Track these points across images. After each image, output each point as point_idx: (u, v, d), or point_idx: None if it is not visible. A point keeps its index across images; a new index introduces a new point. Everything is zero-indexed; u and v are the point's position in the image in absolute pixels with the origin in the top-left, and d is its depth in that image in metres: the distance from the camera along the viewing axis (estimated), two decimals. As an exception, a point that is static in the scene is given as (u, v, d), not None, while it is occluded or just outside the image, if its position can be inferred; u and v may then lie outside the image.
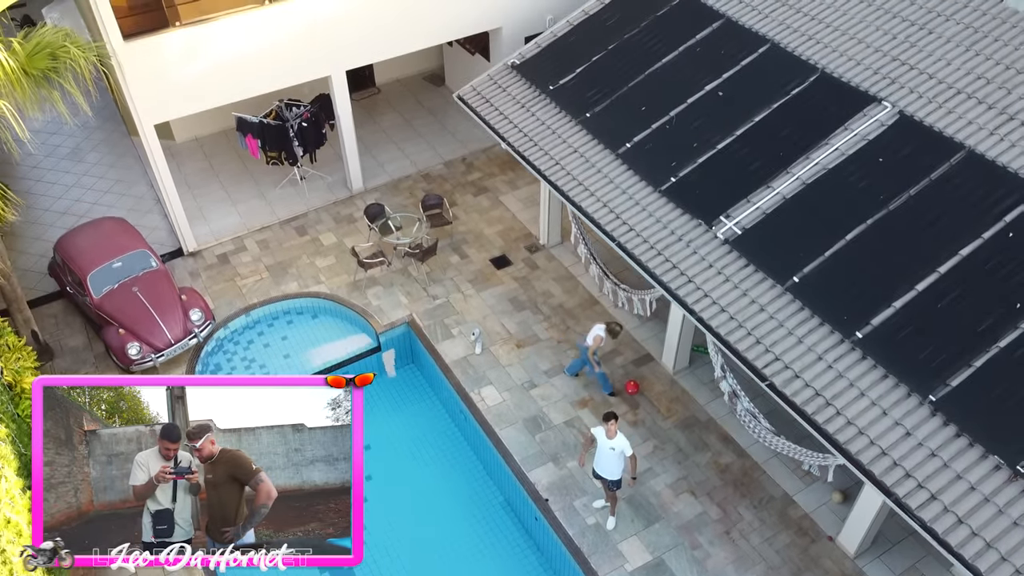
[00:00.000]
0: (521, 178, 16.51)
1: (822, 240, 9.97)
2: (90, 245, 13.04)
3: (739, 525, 10.66)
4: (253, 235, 15.33)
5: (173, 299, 12.72)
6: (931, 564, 10.15)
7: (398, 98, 19.10)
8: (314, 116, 15.33)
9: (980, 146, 10.00)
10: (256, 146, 15.44)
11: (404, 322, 13.43)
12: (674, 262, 10.51)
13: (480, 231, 15.28)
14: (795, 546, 10.43)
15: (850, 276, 9.62)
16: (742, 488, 11.06)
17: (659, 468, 11.32)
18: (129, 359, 12.18)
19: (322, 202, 16.01)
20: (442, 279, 14.29)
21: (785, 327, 9.50)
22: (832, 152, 10.69)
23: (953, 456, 8.10)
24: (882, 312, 9.17)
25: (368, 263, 13.80)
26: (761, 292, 9.87)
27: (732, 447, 11.54)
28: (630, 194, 11.41)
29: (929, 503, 7.93)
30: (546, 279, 14.25)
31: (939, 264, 9.28)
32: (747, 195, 10.71)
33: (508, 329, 13.35)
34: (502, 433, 11.73)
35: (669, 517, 10.76)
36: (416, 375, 13.52)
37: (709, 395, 12.18)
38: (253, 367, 13.10)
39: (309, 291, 14.06)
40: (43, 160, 17.48)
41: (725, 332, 9.71)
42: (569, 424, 11.89)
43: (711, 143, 11.41)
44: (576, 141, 12.36)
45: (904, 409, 8.52)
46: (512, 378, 12.56)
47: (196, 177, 16.82)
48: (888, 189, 10.09)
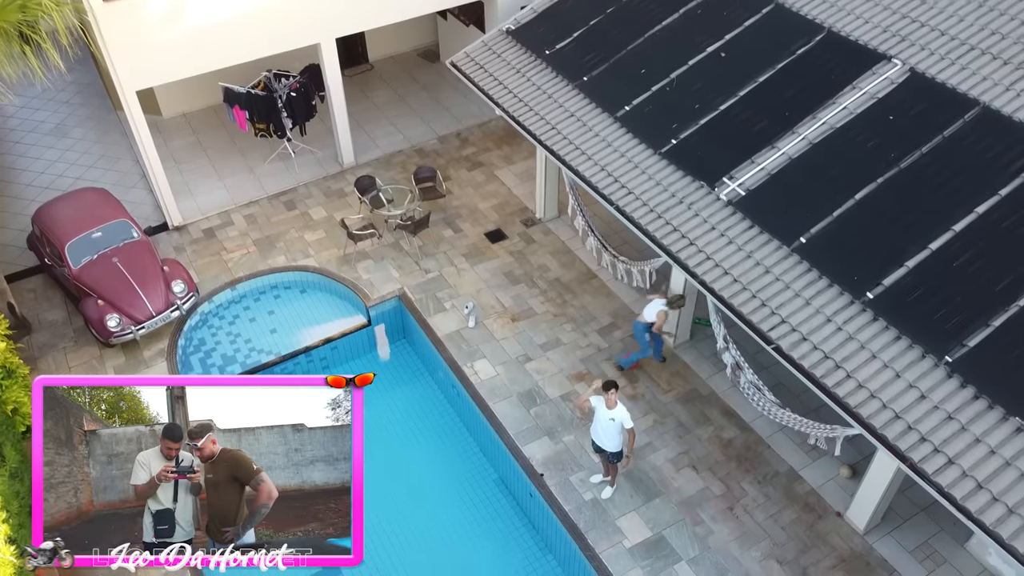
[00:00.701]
0: (517, 153, 16.06)
1: (830, 200, 9.51)
2: (69, 215, 12.56)
3: (743, 501, 10.20)
4: (240, 210, 14.87)
5: (155, 270, 12.25)
6: (944, 540, 9.69)
7: (392, 74, 18.64)
8: (303, 87, 14.87)
9: (996, 102, 9.54)
10: (244, 118, 14.97)
11: (395, 296, 12.95)
12: (675, 225, 10.05)
13: (474, 205, 14.82)
14: (801, 522, 9.97)
15: (860, 236, 9.16)
16: (746, 463, 10.60)
17: (659, 443, 10.85)
18: (109, 331, 11.71)
19: (312, 177, 15.55)
20: (435, 253, 13.82)
21: (792, 289, 9.04)
22: (840, 111, 10.23)
23: (971, 419, 7.64)
24: (894, 272, 8.71)
25: (358, 235, 13.34)
26: (766, 254, 9.41)
27: (735, 421, 11.08)
28: (629, 157, 10.95)
29: (946, 467, 7.47)
30: (542, 253, 13.79)
31: (954, 222, 8.82)
32: (751, 156, 10.25)
33: (503, 303, 12.88)
34: (496, 407, 11.26)
35: (669, 493, 10.30)
36: (407, 350, 13.05)
37: (711, 369, 11.73)
38: (238, 342, 12.63)
39: (297, 264, 13.59)
40: (26, 136, 17.01)
41: (728, 295, 9.25)
42: (565, 398, 11.43)
43: (713, 105, 10.95)
44: (573, 105, 11.90)
45: (919, 371, 8.06)
46: (506, 352, 12.10)
47: (183, 152, 16.35)
48: (899, 147, 9.63)
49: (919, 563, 9.50)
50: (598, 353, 12.01)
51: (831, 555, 9.63)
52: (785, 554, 9.65)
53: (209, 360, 12.37)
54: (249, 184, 15.44)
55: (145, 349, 12.19)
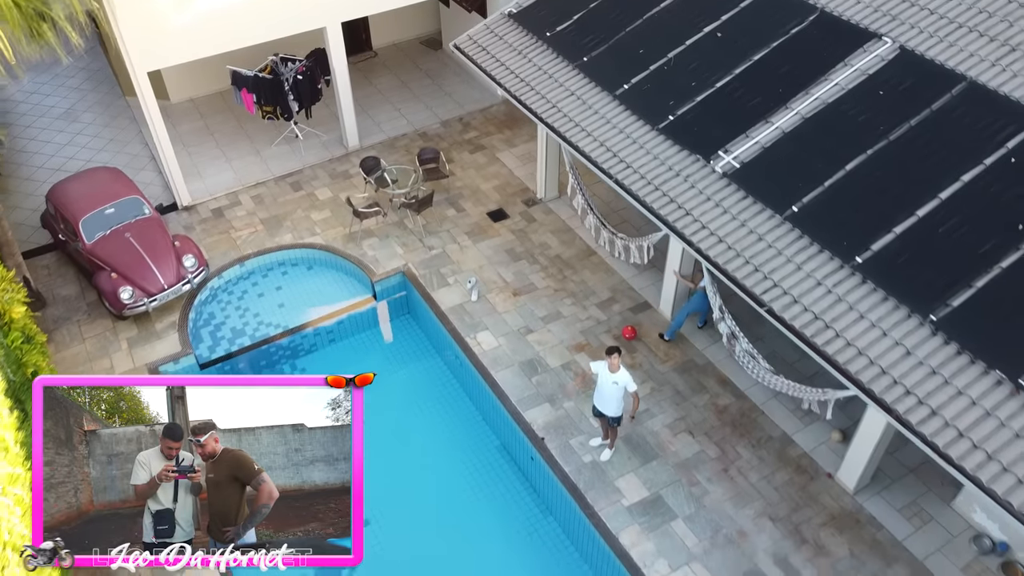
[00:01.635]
0: (518, 136, 16.41)
1: (822, 171, 9.85)
2: (83, 192, 12.91)
3: (737, 463, 10.55)
4: (248, 191, 15.21)
5: (166, 245, 12.59)
6: (931, 500, 10.04)
7: (395, 61, 19.00)
8: (309, 70, 15.22)
9: (982, 77, 9.88)
10: (251, 101, 15.32)
11: (400, 271, 13.31)
12: (672, 196, 10.39)
13: (477, 186, 15.17)
14: (794, 483, 10.32)
15: (850, 205, 9.50)
16: (740, 428, 10.95)
17: (656, 409, 11.20)
18: (122, 304, 12.05)
19: (317, 159, 15.90)
20: (438, 231, 14.17)
21: (784, 255, 9.38)
22: (832, 87, 10.58)
23: (954, 373, 7.99)
24: (882, 238, 9.05)
25: (364, 213, 13.68)
26: (760, 222, 9.75)
27: (730, 389, 11.43)
28: (627, 133, 11.30)
29: (930, 418, 7.82)
30: (543, 231, 14.14)
31: (940, 190, 9.17)
32: (745, 130, 10.59)
33: (504, 278, 13.23)
34: (498, 376, 11.61)
35: (667, 455, 10.64)
36: (411, 325, 13.40)
37: (707, 340, 12.07)
38: (247, 316, 12.98)
39: (304, 242, 13.94)
40: (37, 120, 17.35)
41: (723, 262, 9.59)
42: (566, 367, 11.77)
43: (709, 82, 11.30)
44: (573, 84, 12.24)
45: (904, 330, 8.41)
46: (508, 324, 12.45)
47: (191, 136, 16.70)
48: (888, 121, 9.96)
49: (907, 520, 9.85)
50: (597, 326, 12.36)
51: (822, 513, 9.98)
52: (778, 512, 10.00)
53: (219, 333, 12.72)
54: (256, 166, 15.78)
55: (157, 321, 12.53)
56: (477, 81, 17.98)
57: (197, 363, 12.13)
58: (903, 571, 9.40)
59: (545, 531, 10.60)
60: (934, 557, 9.53)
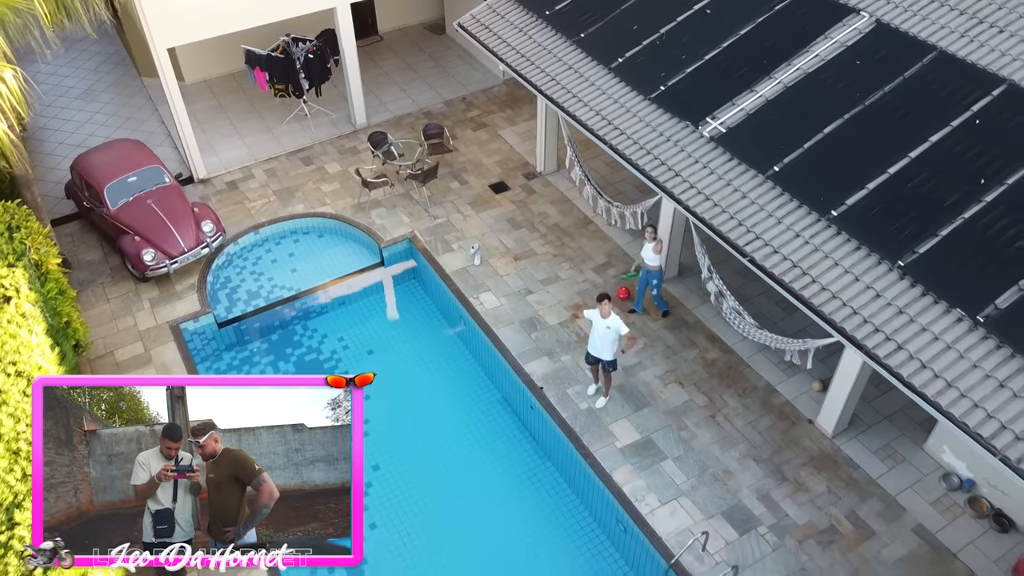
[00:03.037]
0: (519, 115, 17.12)
1: (801, 134, 10.57)
2: (106, 161, 13.61)
3: (724, 411, 11.26)
4: (260, 165, 15.93)
5: (186, 211, 13.31)
6: (904, 443, 10.75)
7: (400, 45, 19.72)
8: (319, 49, 15.93)
9: (951, 47, 10.60)
10: (264, 79, 16.02)
11: (406, 238, 14.03)
12: (663, 159, 11.11)
13: (479, 161, 15.88)
14: (776, 428, 11.03)
15: (827, 164, 10.22)
16: (727, 380, 11.66)
17: (648, 362, 11.91)
18: (145, 265, 12.76)
19: (327, 136, 16.61)
20: (442, 202, 14.88)
21: (765, 210, 10.10)
22: (812, 58, 11.30)
23: (919, 312, 8.70)
24: (856, 193, 9.77)
25: (372, 183, 14.39)
26: (744, 181, 10.47)
27: (718, 344, 12.14)
28: (622, 103, 12.01)
29: (896, 352, 8.53)
30: (542, 202, 14.85)
31: (910, 150, 9.88)
32: (732, 98, 11.31)
33: (506, 244, 13.94)
34: (500, 332, 12.33)
35: (657, 403, 11.36)
36: (416, 289, 14.11)
37: (697, 301, 12.78)
38: (262, 280, 13.69)
39: (315, 211, 14.65)
40: (57, 100, 18.06)
41: (710, 218, 10.31)
42: (563, 325, 12.48)
43: (699, 55, 12.01)
44: (571, 59, 12.96)
45: (875, 275, 9.12)
46: (509, 286, 13.16)
47: (205, 115, 17.40)
48: (864, 88, 10.68)
49: (881, 461, 10.56)
50: (594, 288, 13.05)
51: (802, 455, 10.69)
52: (761, 454, 10.71)
53: (235, 295, 13.44)
54: (268, 142, 16.50)
55: (177, 283, 13.25)
56: (479, 63, 18.70)
57: (215, 322, 12.84)
58: (877, 505, 10.11)
59: (543, 475, 11.29)
60: (906, 493, 10.23)
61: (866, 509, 10.07)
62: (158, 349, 12.21)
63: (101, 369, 11.88)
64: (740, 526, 9.94)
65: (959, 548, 9.66)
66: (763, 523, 9.97)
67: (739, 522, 9.98)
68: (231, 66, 18.04)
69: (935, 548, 9.68)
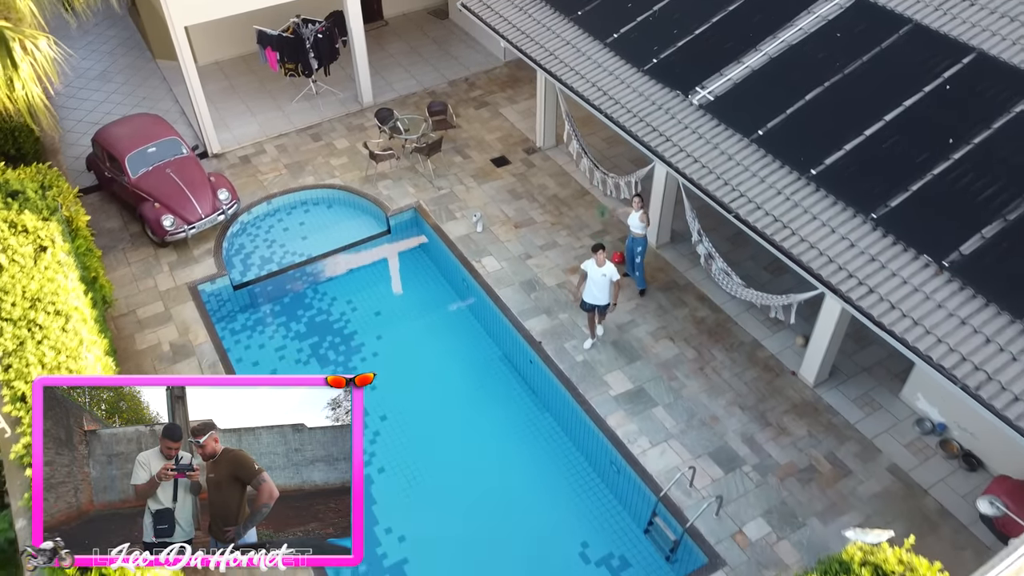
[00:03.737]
0: (520, 94, 17.81)
1: (784, 101, 11.26)
2: (127, 133, 14.32)
3: (712, 363, 11.95)
4: (272, 141, 16.62)
5: (203, 180, 14.01)
6: (882, 392, 11.44)
7: (405, 30, 20.42)
8: (328, 30, 16.63)
9: (925, 19, 11.28)
10: (275, 59, 16.72)
11: (412, 208, 14.72)
12: (654, 126, 11.80)
13: (481, 137, 16.57)
14: (761, 379, 11.71)
15: (808, 128, 10.91)
16: (716, 335, 12.35)
17: (640, 320, 12.60)
18: (164, 230, 13.46)
19: (335, 114, 17.31)
20: (446, 174, 15.58)
21: (750, 171, 10.79)
22: (796, 31, 11.99)
23: (890, 259, 9.39)
24: (834, 154, 10.46)
25: (380, 156, 15.09)
26: (730, 145, 11.16)
27: (708, 304, 12.83)
28: (616, 75, 12.70)
29: (868, 295, 9.22)
30: (542, 175, 15.54)
31: (885, 114, 10.57)
32: (720, 69, 12.00)
33: (506, 213, 14.64)
34: (500, 292, 13.02)
35: (649, 357, 12.04)
36: (421, 256, 14.80)
37: (688, 265, 13.47)
38: (274, 246, 14.39)
39: (325, 183, 15.35)
40: (75, 80, 18.73)
41: (698, 178, 11.00)
42: (561, 286, 13.18)
43: (688, 29, 12.71)
44: (569, 35, 13.66)
45: (850, 227, 9.82)
46: (510, 251, 13.85)
47: (217, 95, 18.08)
48: (843, 58, 11.37)
49: (859, 408, 11.25)
50: (589, 253, 13.70)
51: (785, 403, 11.38)
52: (746, 402, 11.40)
53: (249, 260, 14.14)
54: (279, 120, 17.20)
55: (194, 248, 13.94)
56: (482, 46, 19.40)
57: (231, 284, 13.54)
58: (854, 447, 10.80)
59: (541, 425, 11.96)
60: (881, 437, 10.92)
61: (844, 451, 10.76)
62: (177, 308, 12.91)
63: (125, 326, 12.58)
64: (725, 465, 10.63)
65: (930, 485, 10.35)
66: (747, 463, 10.66)
67: (724, 462, 10.67)
68: (242, 48, 18.75)
69: (908, 485, 10.37)
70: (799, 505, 10.19)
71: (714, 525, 9.98)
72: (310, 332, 13.31)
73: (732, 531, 9.95)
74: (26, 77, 10.18)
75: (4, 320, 8.65)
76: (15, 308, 8.74)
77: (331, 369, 12.64)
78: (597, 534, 10.58)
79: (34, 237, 9.72)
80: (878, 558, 6.71)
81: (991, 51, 10.58)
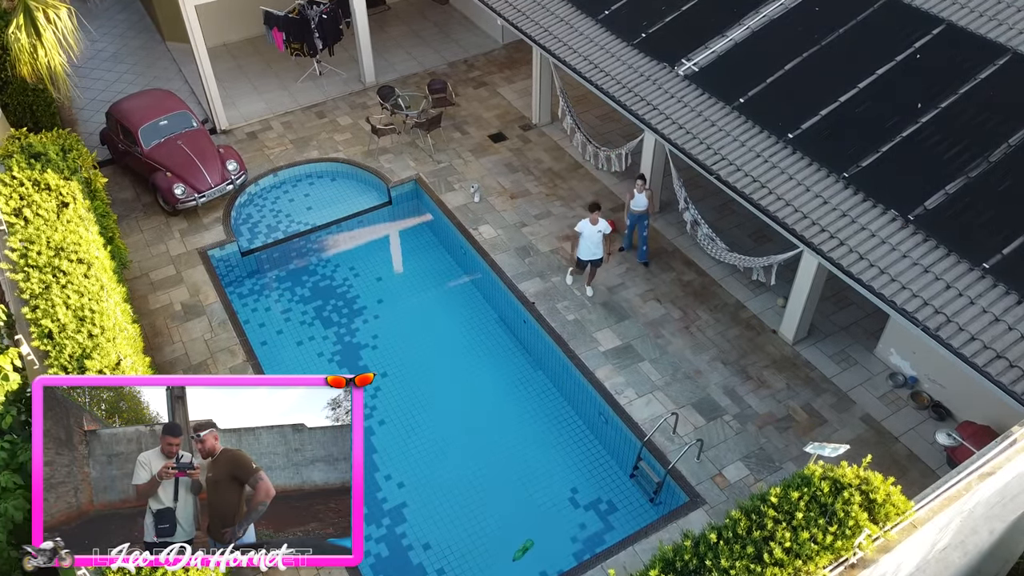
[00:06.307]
0: (517, 75, 18.41)
1: (765, 71, 11.87)
2: (140, 106, 14.95)
3: (696, 323, 12.55)
4: (278, 118, 17.25)
5: (212, 151, 14.64)
6: (857, 349, 12.03)
7: (406, 14, 21.03)
8: (332, 11, 17.25)
9: (899, -6, 11.90)
10: (281, 39, 17.36)
11: (412, 179, 15.34)
12: (642, 96, 12.41)
13: (479, 115, 17.19)
14: (743, 337, 12.32)
15: (786, 96, 11.52)
16: (701, 297, 12.95)
17: (630, 283, 13.21)
18: (176, 198, 14.09)
19: (339, 93, 17.93)
20: (445, 149, 16.20)
21: (731, 135, 11.40)
22: (777, 6, 12.59)
23: (859, 215, 10.00)
24: (810, 119, 11.07)
25: (382, 130, 15.71)
26: (712, 112, 11.77)
27: (694, 268, 13.43)
28: (607, 49, 13.32)
29: (838, 247, 9.83)
30: (537, 150, 16.15)
31: (859, 81, 11.17)
32: (705, 42, 12.61)
33: (503, 185, 15.25)
34: (496, 258, 13.64)
35: (637, 316, 12.65)
36: (421, 227, 15.42)
37: (676, 232, 14.07)
38: (280, 216, 15.02)
39: (329, 157, 15.98)
40: (88, 61, 19.36)
41: (682, 143, 11.61)
42: (554, 252, 13.78)
43: (676, 5, 13.33)
44: (562, 12, 14.28)
45: (823, 186, 10.42)
46: (506, 220, 14.47)
47: (225, 74, 18.68)
48: (821, 30, 11.98)
49: (836, 363, 11.85)
50: (583, 222, 14.35)
51: (765, 359, 11.98)
52: (729, 358, 12.00)
53: (256, 229, 14.77)
54: (284, 99, 17.83)
55: (204, 216, 14.58)
56: (480, 29, 20.01)
57: (239, 251, 14.17)
58: (830, 399, 11.40)
59: (535, 382, 12.57)
60: (856, 390, 11.52)
61: (820, 402, 11.36)
62: (188, 271, 13.55)
63: (138, 287, 13.22)
64: (707, 414, 11.24)
65: (901, 433, 10.95)
66: (728, 412, 11.27)
67: (707, 411, 11.28)
68: (248, 31, 19.38)
69: (879, 432, 10.97)
70: (776, 451, 10.79)
71: (695, 468, 10.59)
72: (315, 296, 13.93)
73: (712, 473, 10.56)
74: (48, 46, 10.78)
75: (31, 267, 9.28)
76: (40, 256, 9.37)
77: (334, 330, 13.27)
78: (586, 480, 11.20)
79: (56, 194, 10.36)
80: (836, 473, 7.31)
81: (959, 22, 11.18)
